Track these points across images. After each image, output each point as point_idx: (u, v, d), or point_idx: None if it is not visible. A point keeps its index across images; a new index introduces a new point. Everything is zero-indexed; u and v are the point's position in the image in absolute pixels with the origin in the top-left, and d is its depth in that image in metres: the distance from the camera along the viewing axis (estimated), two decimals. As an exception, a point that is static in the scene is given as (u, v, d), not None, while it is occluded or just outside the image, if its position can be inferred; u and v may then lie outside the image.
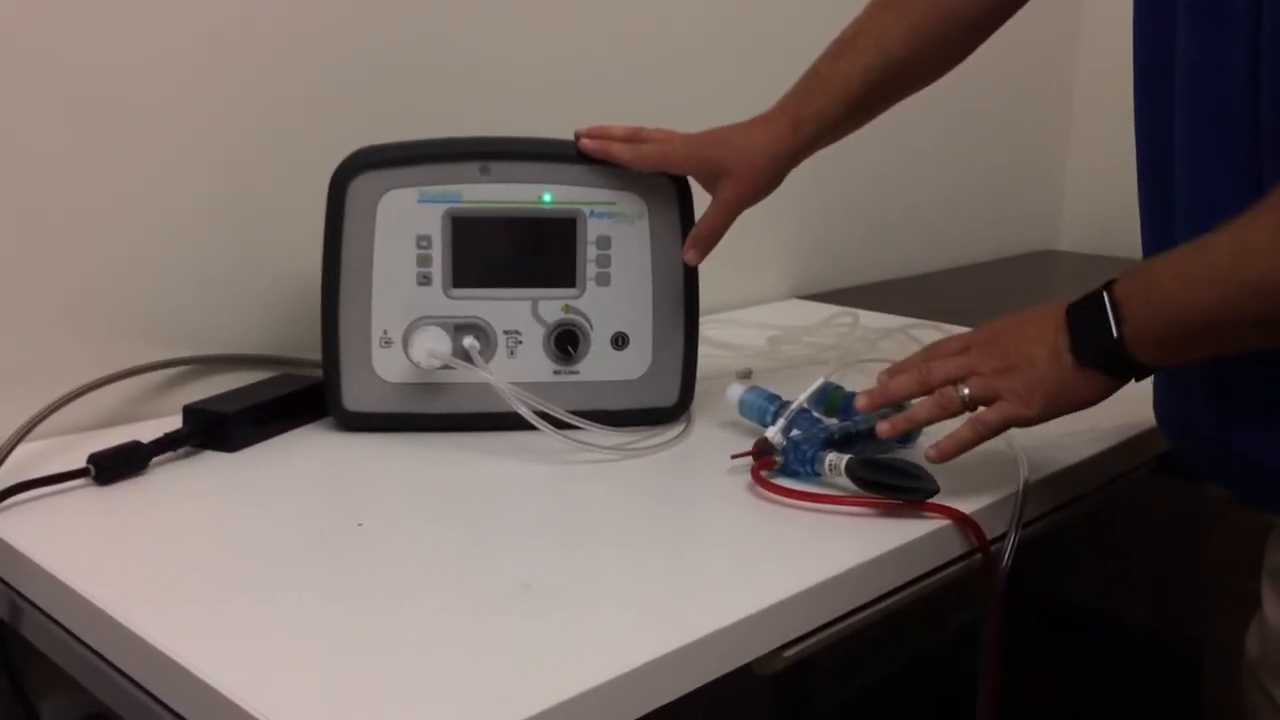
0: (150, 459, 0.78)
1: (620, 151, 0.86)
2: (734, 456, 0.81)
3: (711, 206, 0.88)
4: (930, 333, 1.13)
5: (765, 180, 0.88)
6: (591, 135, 0.87)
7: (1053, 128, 1.94)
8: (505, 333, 0.88)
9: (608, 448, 0.84)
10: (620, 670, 0.54)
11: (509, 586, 0.63)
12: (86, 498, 0.74)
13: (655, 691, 0.56)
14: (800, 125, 0.88)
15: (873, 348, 1.11)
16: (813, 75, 0.90)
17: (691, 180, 0.90)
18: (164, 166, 0.90)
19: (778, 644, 0.63)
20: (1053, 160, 1.95)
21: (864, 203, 1.58)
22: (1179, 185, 0.73)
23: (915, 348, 1.09)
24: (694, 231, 0.88)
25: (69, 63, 0.84)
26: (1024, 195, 1.90)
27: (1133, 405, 0.97)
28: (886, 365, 1.03)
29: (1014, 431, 0.85)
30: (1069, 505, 0.86)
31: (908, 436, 0.85)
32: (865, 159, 1.57)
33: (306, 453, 0.84)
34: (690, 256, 0.88)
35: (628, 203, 0.88)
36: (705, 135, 0.89)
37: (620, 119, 0.92)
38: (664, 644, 0.56)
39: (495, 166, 0.86)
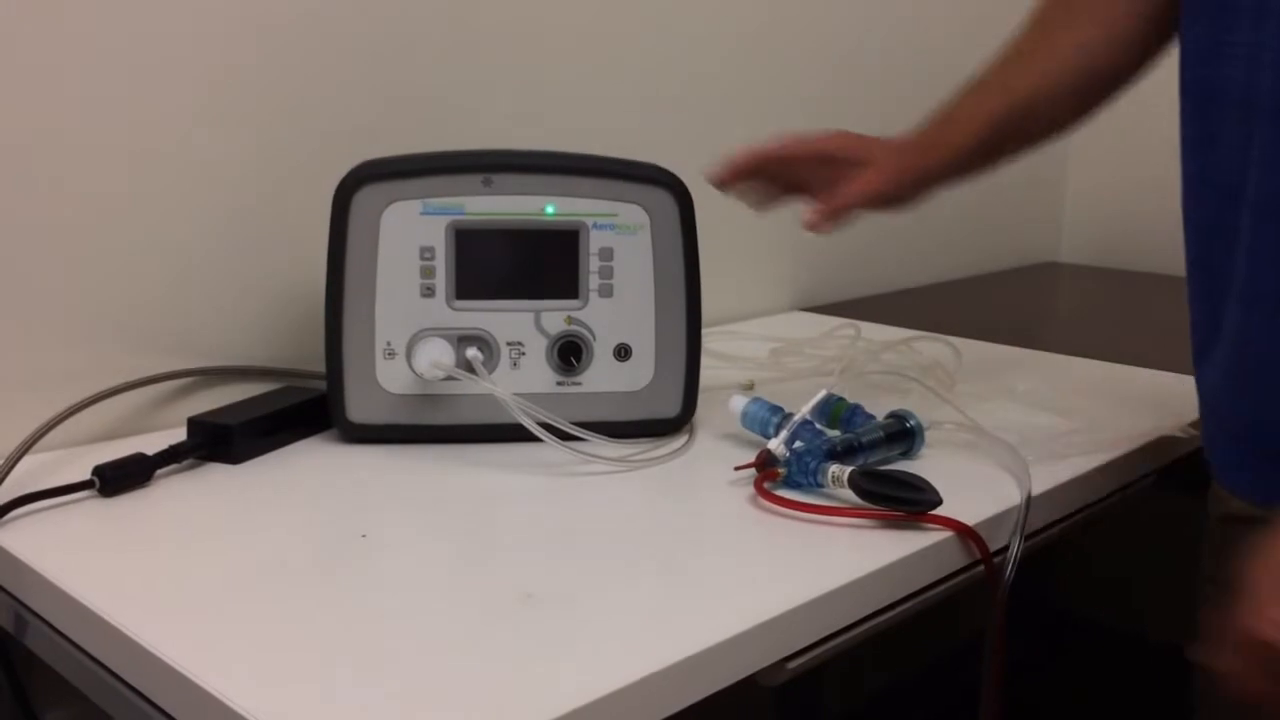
0: (155, 471, 0.78)
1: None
2: (737, 468, 0.81)
3: (850, 185, 0.88)
4: (931, 344, 1.13)
5: (899, 182, 0.88)
6: (741, 162, 0.89)
7: (1054, 139, 1.94)
8: (508, 344, 0.88)
9: (611, 459, 0.84)
10: (623, 682, 0.54)
11: (511, 597, 0.63)
12: (91, 509, 0.74)
13: (658, 703, 0.56)
14: (929, 150, 0.89)
15: (875, 359, 1.11)
16: (945, 108, 0.92)
17: (697, 195, 0.90)
18: (169, 180, 0.90)
19: (781, 656, 0.63)
20: (1053, 171, 1.96)
21: (865, 215, 1.59)
22: (1255, 199, 0.72)
23: (917, 359, 1.10)
24: (831, 202, 0.88)
25: (76, 78, 0.84)
26: (1024, 207, 1.90)
27: (1137, 417, 0.97)
28: (889, 376, 1.04)
29: (1018, 441, 0.85)
30: (1072, 517, 0.86)
31: (910, 448, 0.86)
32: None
33: (310, 464, 0.84)
34: (815, 222, 0.87)
35: (630, 214, 0.88)
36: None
37: (626, 131, 0.93)
38: (667, 655, 0.56)
39: (498, 179, 0.86)
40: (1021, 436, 0.88)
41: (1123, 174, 1.84)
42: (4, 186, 0.82)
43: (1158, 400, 1.04)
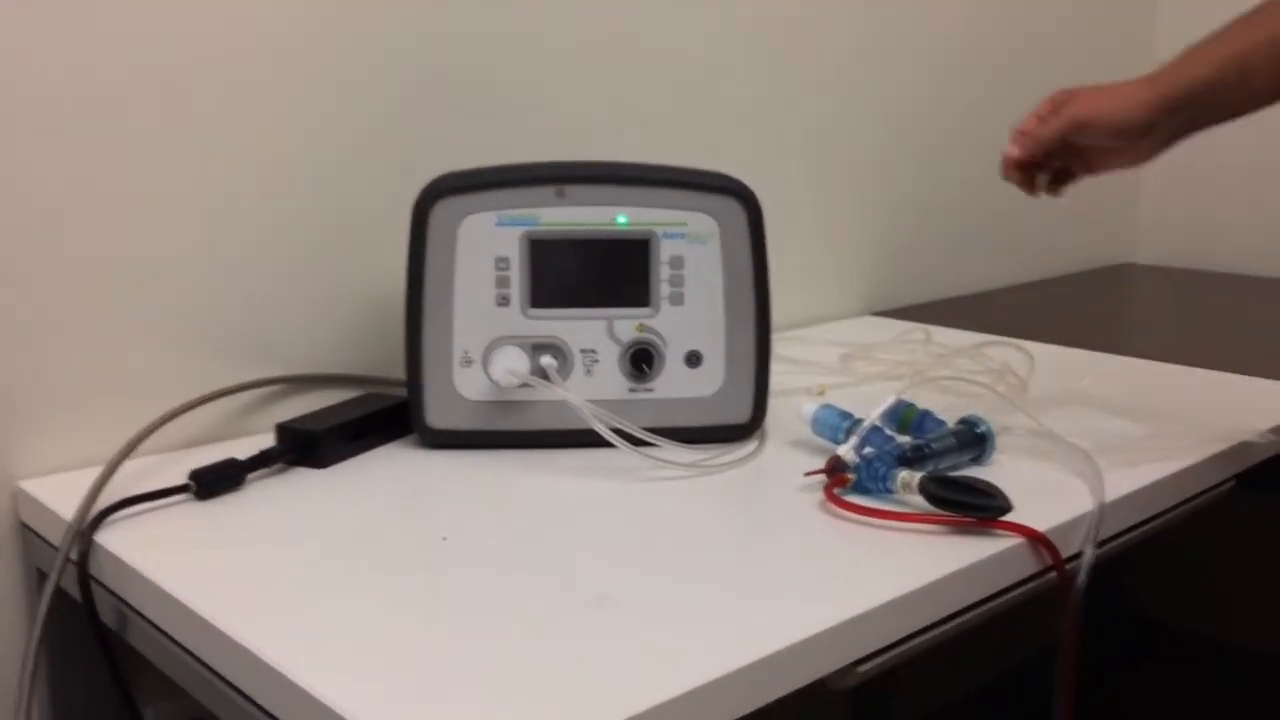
0: (246, 475, 0.82)
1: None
2: (807, 474, 0.82)
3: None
4: (1004, 349, 1.13)
5: (1104, 109, 0.86)
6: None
7: (1131, 139, 1.91)
8: (582, 351, 0.90)
9: (682, 464, 0.86)
10: (694, 683, 0.55)
11: (585, 599, 0.65)
12: (187, 512, 0.77)
13: (729, 705, 0.57)
14: (1158, 79, 0.85)
15: (946, 364, 1.11)
16: (1186, 48, 0.87)
17: (766, 202, 0.91)
18: (257, 199, 0.94)
19: (851, 659, 0.64)
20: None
21: (937, 218, 1.58)
22: None
23: (989, 364, 1.10)
24: (1021, 126, 0.89)
25: (164, 97, 0.88)
26: (1099, 207, 1.88)
27: (1214, 422, 0.96)
28: (960, 382, 1.04)
29: (1092, 447, 0.85)
30: (1148, 523, 0.85)
31: (981, 454, 0.86)
32: (937, 173, 1.57)
33: (393, 469, 0.87)
34: (1010, 149, 0.89)
35: (699, 224, 0.90)
36: None
37: (694, 141, 0.94)
38: (737, 658, 0.58)
39: (570, 190, 0.89)
40: (1095, 442, 0.87)
41: (1202, 170, 1.80)
42: (98, 207, 0.86)
43: (1236, 405, 1.03)
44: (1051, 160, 0.92)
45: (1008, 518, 0.73)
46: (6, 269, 0.82)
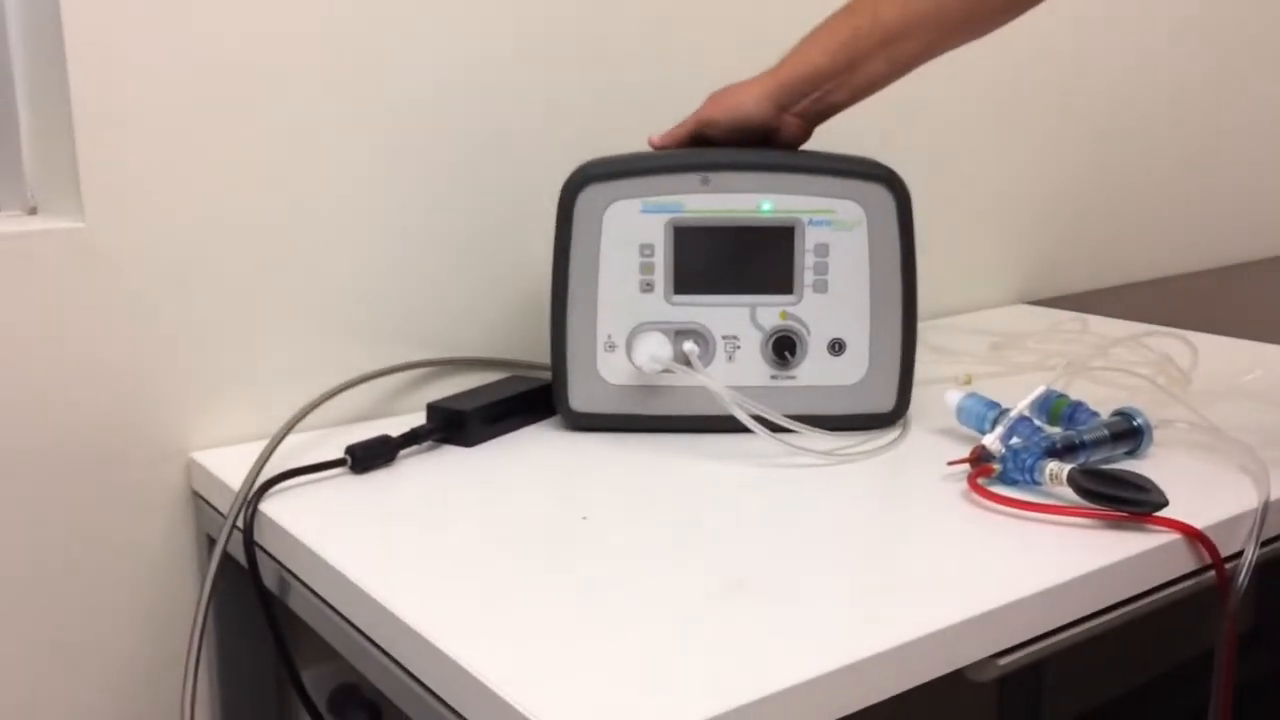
0: (398, 451, 0.85)
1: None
2: (950, 463, 0.80)
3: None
4: (1165, 340, 1.08)
5: (736, 106, 0.90)
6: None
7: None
8: (724, 338, 0.91)
9: (823, 452, 0.85)
10: (826, 669, 0.55)
11: (723, 581, 0.65)
12: (343, 484, 0.81)
13: (862, 691, 0.57)
14: (779, 68, 0.90)
15: (1102, 355, 1.07)
16: (812, 30, 0.92)
17: (917, 187, 0.90)
18: (409, 193, 0.97)
19: (992, 651, 0.63)
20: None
21: (1096, 204, 1.52)
22: None
23: (1148, 356, 1.05)
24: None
25: (330, 107, 0.92)
26: (1271, 192, 1.77)
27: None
28: (1116, 373, 1.00)
29: (1258, 442, 0.81)
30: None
31: (1136, 447, 0.83)
32: (1096, 157, 1.51)
33: (536, 449, 0.89)
34: (651, 138, 0.93)
35: (846, 211, 0.89)
36: None
37: (842, 127, 0.94)
38: (874, 644, 0.57)
39: (715, 177, 0.89)
40: (1262, 438, 0.83)
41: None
42: (275, 209, 0.91)
43: None
44: None
45: (1163, 513, 0.70)
46: (184, 266, 0.87)
